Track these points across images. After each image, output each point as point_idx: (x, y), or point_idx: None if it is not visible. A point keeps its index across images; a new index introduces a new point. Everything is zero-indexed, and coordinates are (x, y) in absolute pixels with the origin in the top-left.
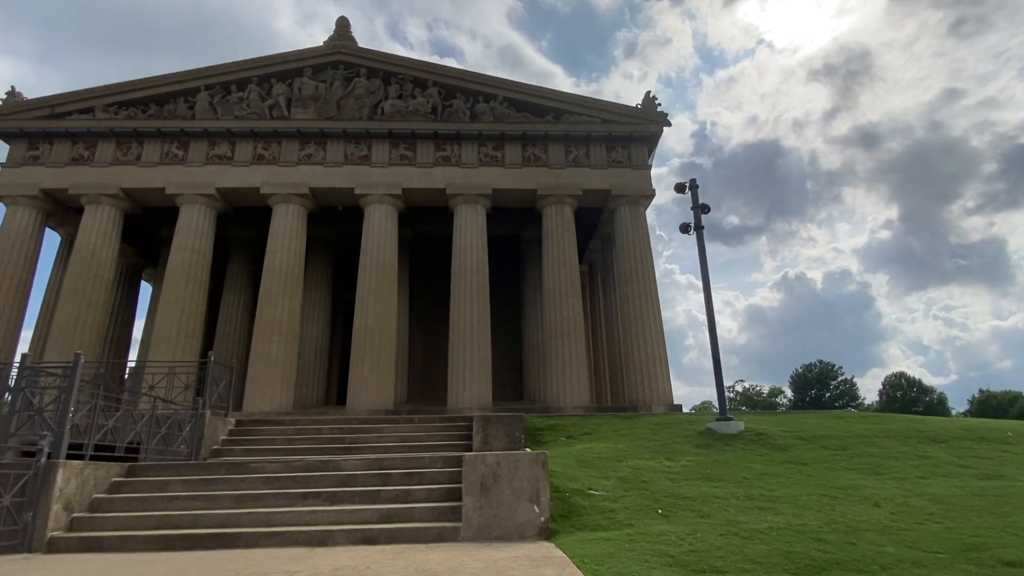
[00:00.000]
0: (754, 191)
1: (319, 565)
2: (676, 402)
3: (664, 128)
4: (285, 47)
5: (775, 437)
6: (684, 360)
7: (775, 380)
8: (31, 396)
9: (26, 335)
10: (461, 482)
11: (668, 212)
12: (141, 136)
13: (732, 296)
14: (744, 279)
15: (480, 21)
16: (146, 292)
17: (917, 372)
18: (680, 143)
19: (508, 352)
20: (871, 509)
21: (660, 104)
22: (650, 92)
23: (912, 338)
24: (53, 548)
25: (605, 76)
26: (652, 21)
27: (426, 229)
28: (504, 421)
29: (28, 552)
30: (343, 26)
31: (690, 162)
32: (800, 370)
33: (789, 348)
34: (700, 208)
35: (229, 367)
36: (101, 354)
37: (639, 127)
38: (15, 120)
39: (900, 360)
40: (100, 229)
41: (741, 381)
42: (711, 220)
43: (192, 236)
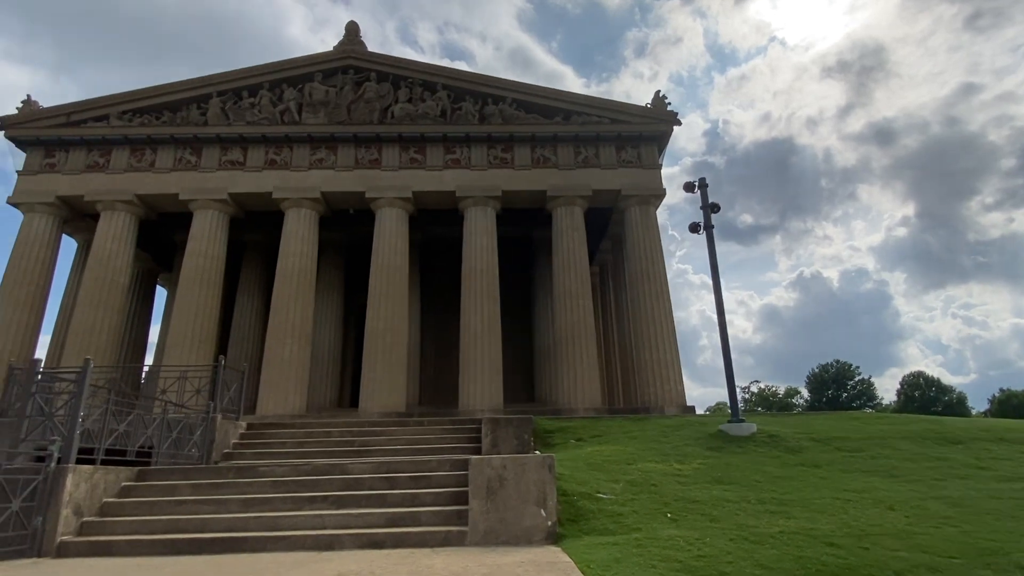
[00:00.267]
0: (768, 189)
1: (324, 570)
2: (690, 403)
3: (674, 127)
4: (297, 53)
5: (788, 439)
6: (698, 361)
7: (791, 380)
8: (42, 401)
9: (44, 340)
10: (468, 485)
11: (681, 212)
12: (155, 143)
13: (747, 296)
14: (759, 278)
15: (490, 23)
16: (161, 296)
17: (936, 371)
18: (692, 142)
19: (519, 354)
20: (885, 512)
21: (670, 103)
22: (659, 91)
23: (931, 337)
24: (63, 552)
25: (615, 76)
26: (663, 20)
27: (436, 232)
28: (513, 423)
29: (38, 556)
30: (353, 31)
31: (703, 161)
32: (816, 370)
33: (805, 348)
34: (710, 207)
35: (240, 371)
36: (117, 358)
37: (649, 126)
38: (32, 128)
39: (918, 359)
40: (116, 235)
41: (756, 382)
42: (724, 219)
43: (205, 241)
